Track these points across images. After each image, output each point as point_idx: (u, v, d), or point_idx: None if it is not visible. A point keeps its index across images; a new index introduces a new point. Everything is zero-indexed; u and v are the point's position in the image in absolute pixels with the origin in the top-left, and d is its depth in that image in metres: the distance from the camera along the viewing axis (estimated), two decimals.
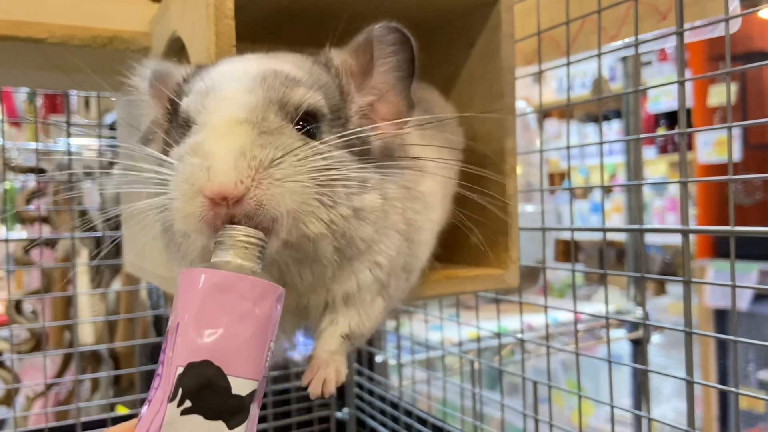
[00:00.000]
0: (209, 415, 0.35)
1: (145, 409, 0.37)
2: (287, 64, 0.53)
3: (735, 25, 0.63)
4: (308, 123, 0.51)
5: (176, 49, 0.74)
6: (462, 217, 0.65)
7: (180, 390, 0.35)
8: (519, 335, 0.98)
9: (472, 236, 0.74)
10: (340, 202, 0.49)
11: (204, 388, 0.35)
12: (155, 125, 0.57)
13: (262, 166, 0.45)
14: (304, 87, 0.51)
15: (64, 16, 0.76)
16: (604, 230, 0.81)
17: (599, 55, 0.78)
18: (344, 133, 0.52)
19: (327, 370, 0.57)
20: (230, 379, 0.36)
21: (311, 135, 0.51)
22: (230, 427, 0.36)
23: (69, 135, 1.10)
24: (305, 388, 0.58)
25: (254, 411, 0.38)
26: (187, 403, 0.35)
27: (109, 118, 2.32)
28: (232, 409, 0.36)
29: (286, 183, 0.46)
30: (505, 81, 0.73)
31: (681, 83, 0.66)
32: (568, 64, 0.82)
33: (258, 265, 0.42)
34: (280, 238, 0.47)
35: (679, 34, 0.66)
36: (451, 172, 0.67)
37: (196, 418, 0.35)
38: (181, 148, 0.48)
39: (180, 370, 0.36)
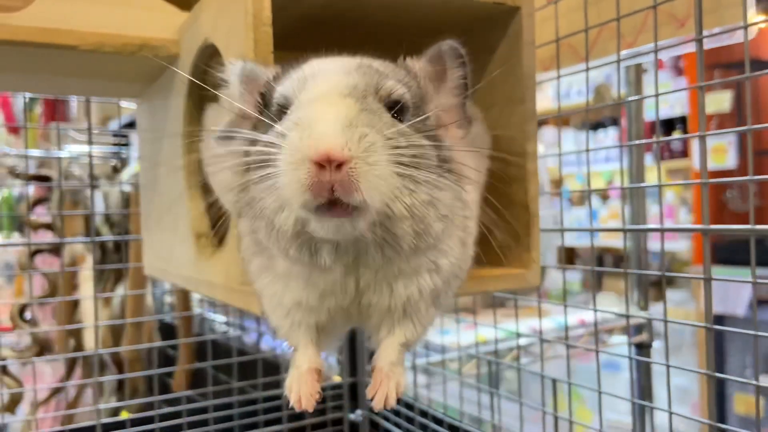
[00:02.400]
0: None
1: None
2: (373, 61, 0.57)
3: (752, 33, 0.66)
4: (396, 113, 0.54)
5: (206, 56, 0.76)
6: (486, 219, 0.67)
7: None
8: (535, 336, 0.99)
9: (494, 237, 0.77)
10: (422, 189, 0.51)
11: None
12: (239, 121, 0.60)
13: (368, 144, 0.47)
14: (393, 80, 0.55)
15: (95, 24, 0.78)
16: (625, 230, 0.83)
17: (618, 62, 0.80)
18: (421, 118, 0.55)
19: (389, 384, 0.60)
20: None
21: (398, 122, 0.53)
22: None
23: (87, 142, 1.11)
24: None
25: None
26: None
27: (112, 125, 2.33)
28: None
29: (385, 167, 0.48)
30: (526, 86, 0.75)
31: (701, 88, 0.68)
32: (587, 69, 0.84)
33: None
34: (368, 220, 0.49)
35: (699, 41, 0.68)
36: (482, 179, 0.71)
37: None
38: (283, 124, 0.50)
39: None
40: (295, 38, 0.81)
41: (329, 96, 0.50)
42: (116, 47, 0.79)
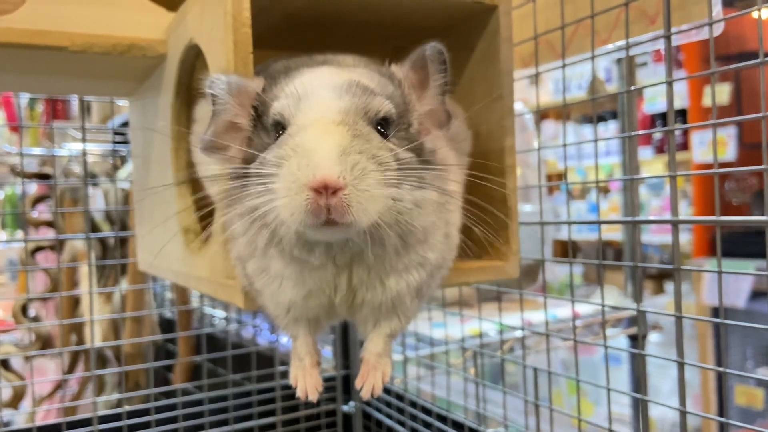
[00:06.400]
0: None
1: None
2: (361, 76, 0.60)
3: (718, 29, 0.68)
4: (382, 127, 0.58)
5: (192, 56, 0.78)
6: (466, 213, 0.69)
7: None
8: (520, 330, 1.01)
9: (475, 230, 0.78)
10: (407, 198, 0.55)
11: None
12: (227, 131, 0.63)
13: (360, 172, 0.52)
14: (380, 96, 0.58)
15: (85, 26, 0.80)
16: (600, 222, 0.85)
17: (593, 58, 0.82)
18: (413, 142, 0.60)
19: (376, 374, 0.66)
20: None
21: (384, 137, 0.58)
22: None
23: (84, 140, 1.13)
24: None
25: None
26: None
27: (110, 124, 2.36)
28: None
29: (374, 190, 0.52)
30: (504, 83, 0.77)
31: (669, 83, 0.70)
32: (564, 66, 0.86)
33: None
34: (359, 230, 0.54)
35: (667, 37, 0.70)
36: (463, 172, 0.73)
37: None
38: (281, 148, 0.54)
39: None
40: (277, 38, 0.83)
41: (323, 124, 0.54)
42: (106, 48, 0.81)
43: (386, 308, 0.65)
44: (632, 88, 0.92)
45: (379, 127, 0.58)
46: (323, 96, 0.57)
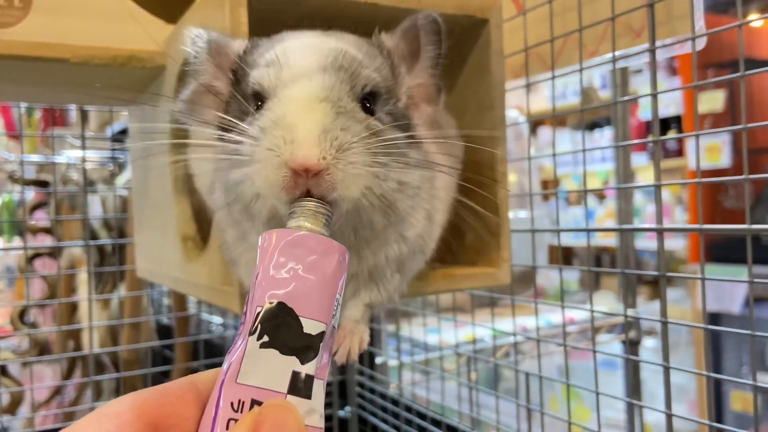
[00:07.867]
0: (284, 351, 0.39)
1: (234, 346, 0.41)
2: (348, 45, 0.57)
3: (701, 43, 0.70)
4: (368, 102, 0.56)
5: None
6: (458, 220, 0.71)
7: (259, 326, 0.39)
8: (513, 336, 1.03)
9: (467, 238, 0.80)
10: (392, 177, 0.53)
11: (279, 326, 0.39)
12: (204, 93, 0.61)
13: (342, 148, 0.49)
14: (368, 69, 0.56)
15: (85, 38, 0.82)
16: (588, 230, 0.86)
17: (581, 70, 0.84)
18: (395, 112, 0.58)
19: (352, 339, 0.65)
20: (301, 319, 0.40)
21: (370, 112, 0.56)
22: (302, 362, 0.39)
23: (84, 147, 1.15)
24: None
25: (324, 355, 0.41)
26: (265, 338, 0.39)
27: (108, 131, 2.38)
28: (303, 346, 0.39)
29: (358, 168, 0.50)
30: (495, 94, 0.79)
31: (654, 96, 0.72)
32: (553, 78, 0.88)
33: (326, 231, 0.46)
34: (342, 209, 0.51)
35: (652, 51, 0.72)
36: (453, 180, 0.73)
37: (273, 352, 0.39)
38: (261, 120, 0.52)
39: (259, 309, 0.40)
40: None
41: (306, 100, 0.51)
42: (106, 59, 0.83)
43: (363, 278, 0.64)
44: (622, 99, 0.94)
45: (365, 102, 0.55)
46: (306, 68, 0.53)
